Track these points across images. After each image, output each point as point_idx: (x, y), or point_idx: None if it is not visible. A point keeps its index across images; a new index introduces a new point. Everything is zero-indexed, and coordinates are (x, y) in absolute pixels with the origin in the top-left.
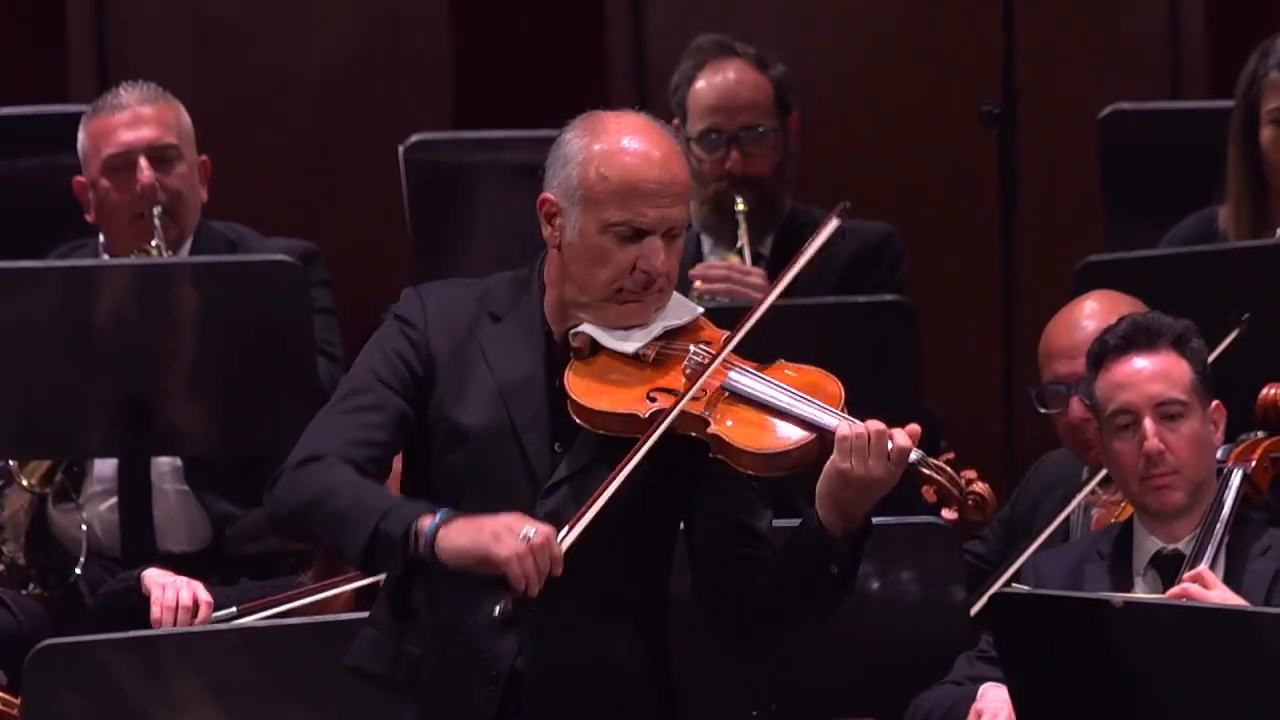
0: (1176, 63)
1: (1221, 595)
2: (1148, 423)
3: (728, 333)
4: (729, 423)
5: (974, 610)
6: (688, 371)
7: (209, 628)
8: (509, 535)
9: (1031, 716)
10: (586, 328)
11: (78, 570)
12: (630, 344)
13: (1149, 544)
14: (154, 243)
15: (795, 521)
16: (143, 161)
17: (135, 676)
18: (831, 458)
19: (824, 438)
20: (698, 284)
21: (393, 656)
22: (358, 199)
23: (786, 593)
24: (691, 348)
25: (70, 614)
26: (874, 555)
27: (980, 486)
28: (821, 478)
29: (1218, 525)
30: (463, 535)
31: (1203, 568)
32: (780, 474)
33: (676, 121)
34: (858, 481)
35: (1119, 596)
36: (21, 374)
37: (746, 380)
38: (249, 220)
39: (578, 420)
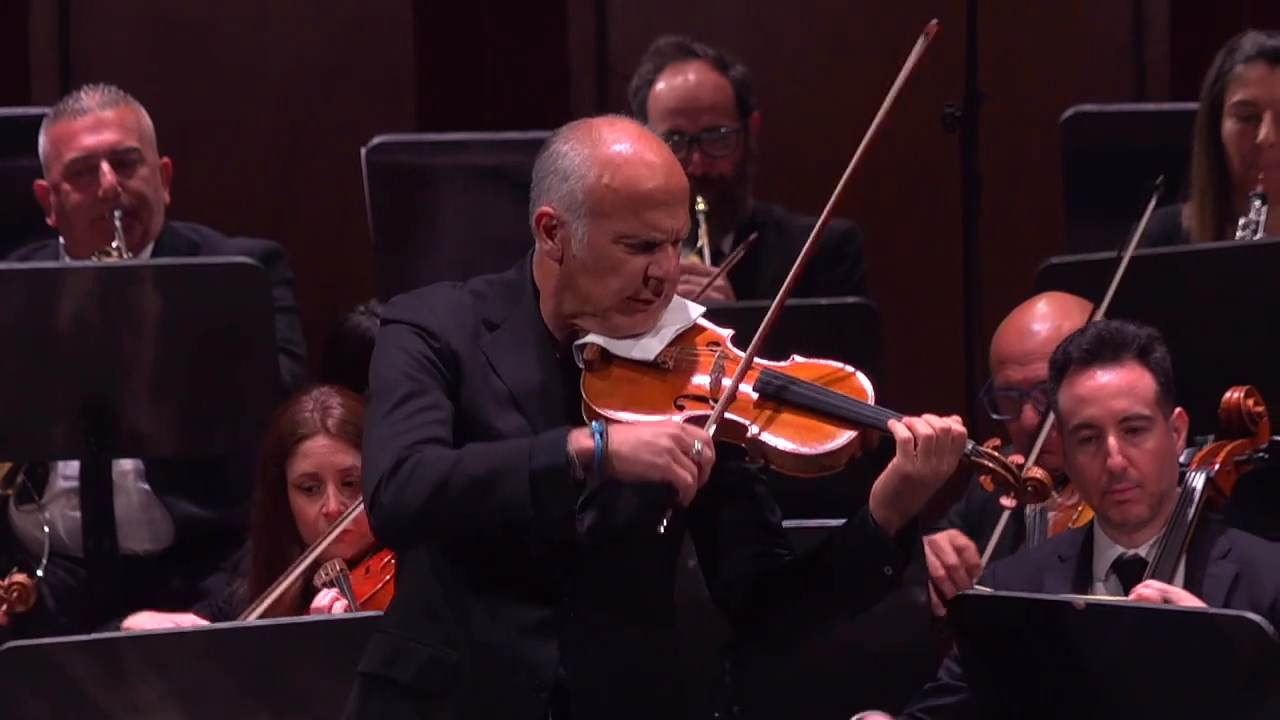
0: (1139, 65)
1: (1179, 600)
2: (1111, 440)
3: (731, 331)
4: (770, 426)
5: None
6: (713, 376)
7: (170, 630)
8: (684, 456)
9: (994, 718)
10: (594, 338)
11: (40, 571)
12: (648, 352)
13: (1110, 550)
14: (115, 245)
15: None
16: (105, 165)
17: (98, 679)
18: (896, 460)
19: (866, 435)
20: None
21: (420, 663)
22: (320, 201)
23: (833, 594)
24: (709, 350)
25: (33, 615)
26: None
27: (1037, 472)
28: (883, 479)
29: (1181, 530)
30: (638, 456)
31: (1152, 581)
32: (821, 474)
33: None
34: (924, 480)
35: (1081, 598)
36: None
37: (778, 381)
38: (212, 222)
39: None
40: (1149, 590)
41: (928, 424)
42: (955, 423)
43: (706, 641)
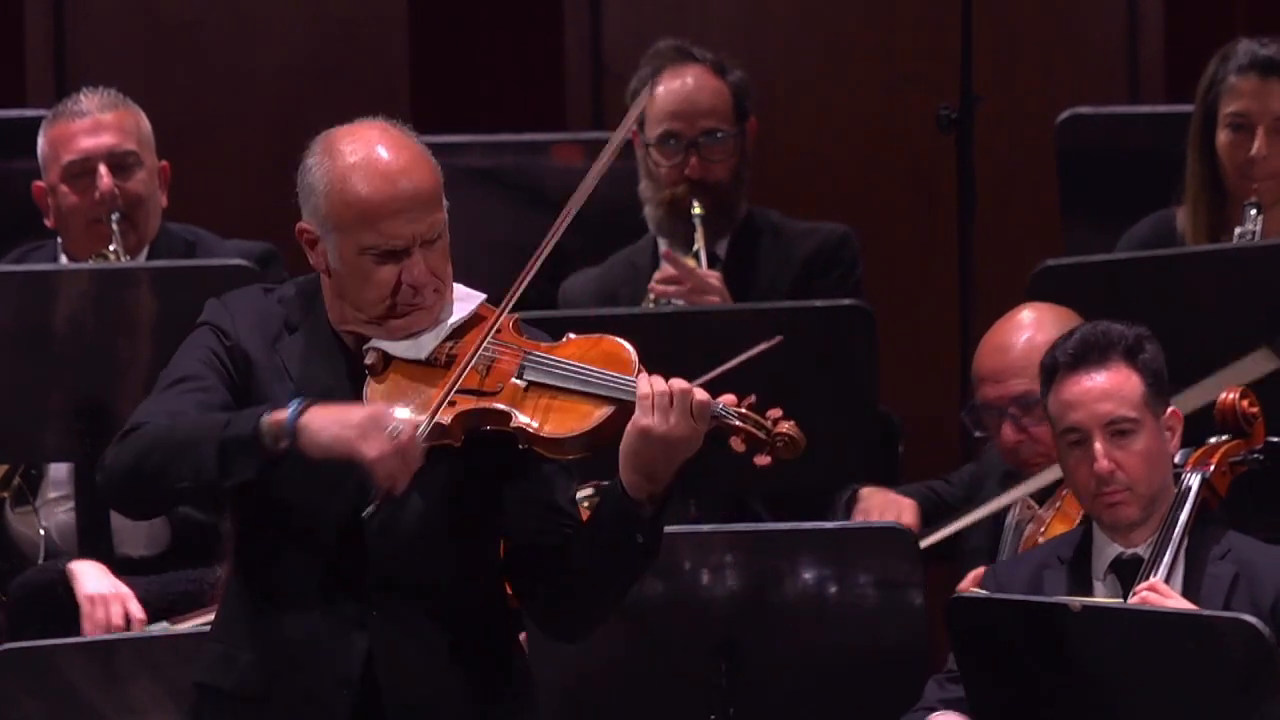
0: (1134, 67)
1: (1177, 605)
2: (1097, 444)
3: (516, 316)
4: (531, 412)
5: (923, 544)
6: (482, 369)
7: (166, 631)
8: (376, 433)
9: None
10: (376, 342)
11: None
12: (421, 350)
13: (1108, 549)
14: (112, 247)
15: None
16: (102, 168)
17: (93, 681)
18: (633, 416)
19: (626, 407)
20: (655, 287)
21: (239, 670)
22: None
23: (593, 566)
24: (483, 340)
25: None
26: (832, 559)
27: (787, 426)
28: (624, 438)
29: (1176, 529)
30: (327, 429)
31: (1156, 581)
32: (590, 453)
33: (634, 128)
34: (660, 440)
35: (1077, 601)
36: None
37: (540, 364)
38: (205, 223)
39: None
40: (1153, 595)
41: (665, 383)
42: (699, 390)
43: (701, 643)
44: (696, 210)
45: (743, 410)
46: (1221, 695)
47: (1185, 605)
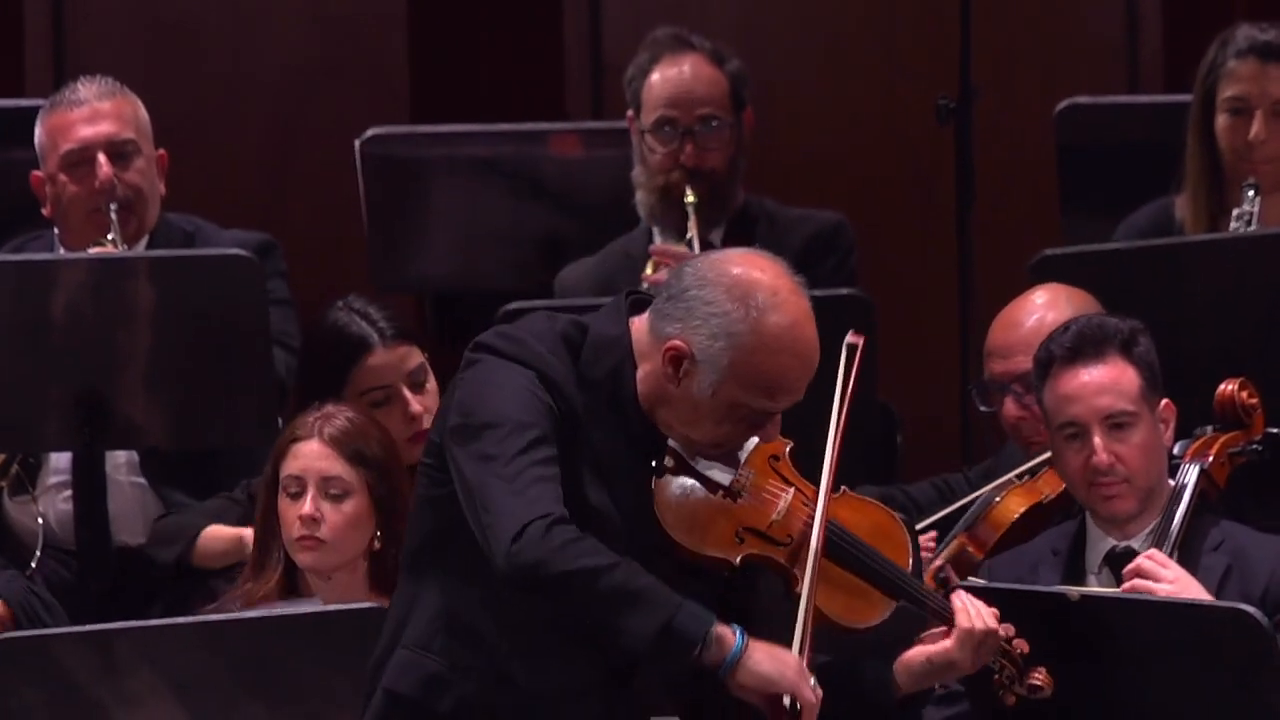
0: (1133, 58)
1: (1174, 575)
2: (1096, 438)
3: (790, 444)
4: (820, 586)
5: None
6: (776, 517)
7: (166, 622)
8: (806, 681)
9: (987, 711)
10: (675, 445)
11: (33, 564)
12: (723, 473)
13: (1103, 542)
14: (110, 236)
15: None
16: (101, 157)
17: (92, 671)
18: (949, 646)
19: (905, 611)
20: (648, 273)
21: (460, 695)
22: (314, 198)
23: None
24: (773, 474)
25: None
26: None
27: (1041, 678)
28: (928, 657)
29: (1174, 521)
30: (766, 663)
31: (1149, 554)
32: (848, 637)
33: (630, 113)
34: (963, 671)
35: (1075, 590)
36: None
37: (838, 541)
38: (206, 218)
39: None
40: (1145, 563)
41: (981, 618)
42: (1003, 627)
43: None
44: (690, 198)
45: (1012, 652)
46: (1219, 685)
47: (1180, 572)
